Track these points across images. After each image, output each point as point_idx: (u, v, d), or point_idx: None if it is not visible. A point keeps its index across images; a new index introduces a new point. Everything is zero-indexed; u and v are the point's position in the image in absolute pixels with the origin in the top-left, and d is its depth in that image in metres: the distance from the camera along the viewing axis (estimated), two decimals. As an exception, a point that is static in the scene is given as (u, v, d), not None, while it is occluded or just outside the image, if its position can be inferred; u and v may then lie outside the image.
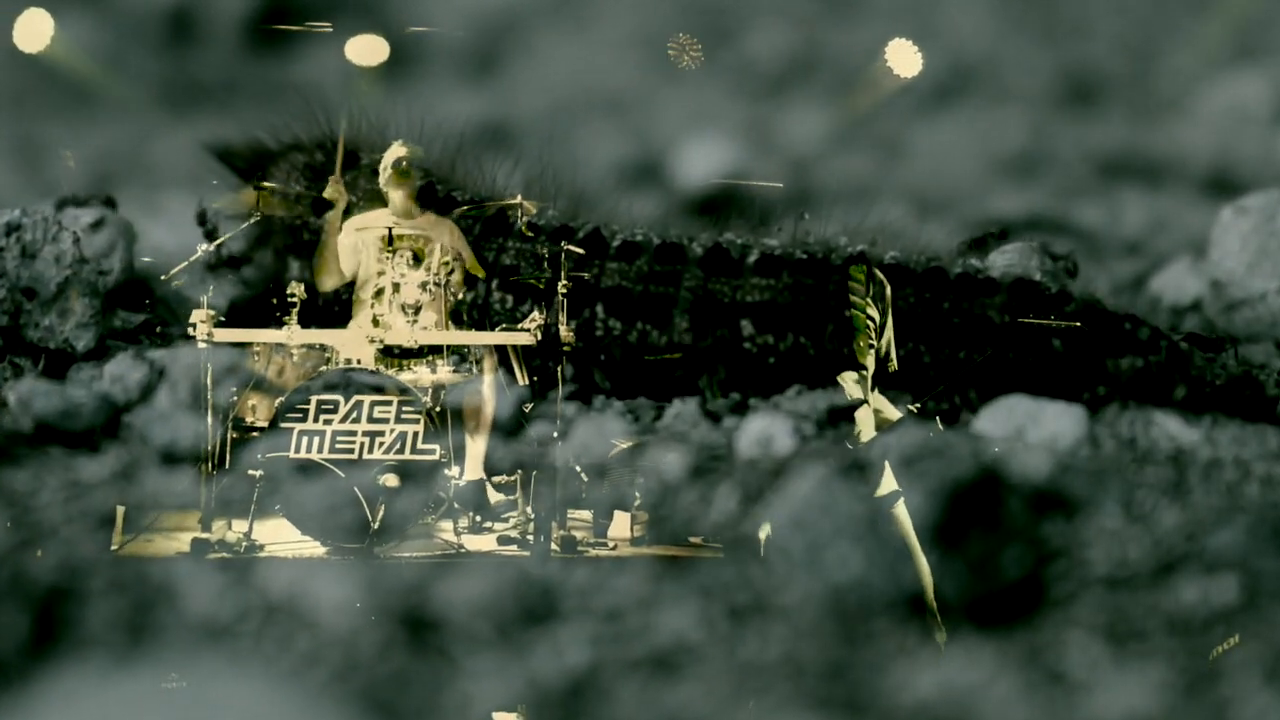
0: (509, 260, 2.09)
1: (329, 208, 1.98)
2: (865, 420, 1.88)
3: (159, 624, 1.56)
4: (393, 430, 1.86)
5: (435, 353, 1.94)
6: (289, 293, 1.92)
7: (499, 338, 1.95)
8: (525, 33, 3.90)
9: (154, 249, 2.26)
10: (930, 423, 1.92)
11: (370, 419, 1.86)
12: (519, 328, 1.93)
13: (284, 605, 1.58)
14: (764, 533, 1.63)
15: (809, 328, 1.99)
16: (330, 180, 1.97)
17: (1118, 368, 1.95)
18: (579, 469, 1.89)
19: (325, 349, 1.94)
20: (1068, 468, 1.78)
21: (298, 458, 1.85)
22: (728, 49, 3.90)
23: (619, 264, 2.03)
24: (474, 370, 1.95)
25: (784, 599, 1.61)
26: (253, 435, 1.88)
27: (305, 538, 1.80)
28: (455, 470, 1.88)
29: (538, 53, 3.81)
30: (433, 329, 1.93)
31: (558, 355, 1.92)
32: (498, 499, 1.90)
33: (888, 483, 1.63)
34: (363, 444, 1.85)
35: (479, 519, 1.88)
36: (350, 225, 1.99)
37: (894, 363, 1.89)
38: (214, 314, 1.88)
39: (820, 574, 1.60)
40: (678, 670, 1.52)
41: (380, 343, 1.91)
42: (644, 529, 1.84)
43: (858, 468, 1.70)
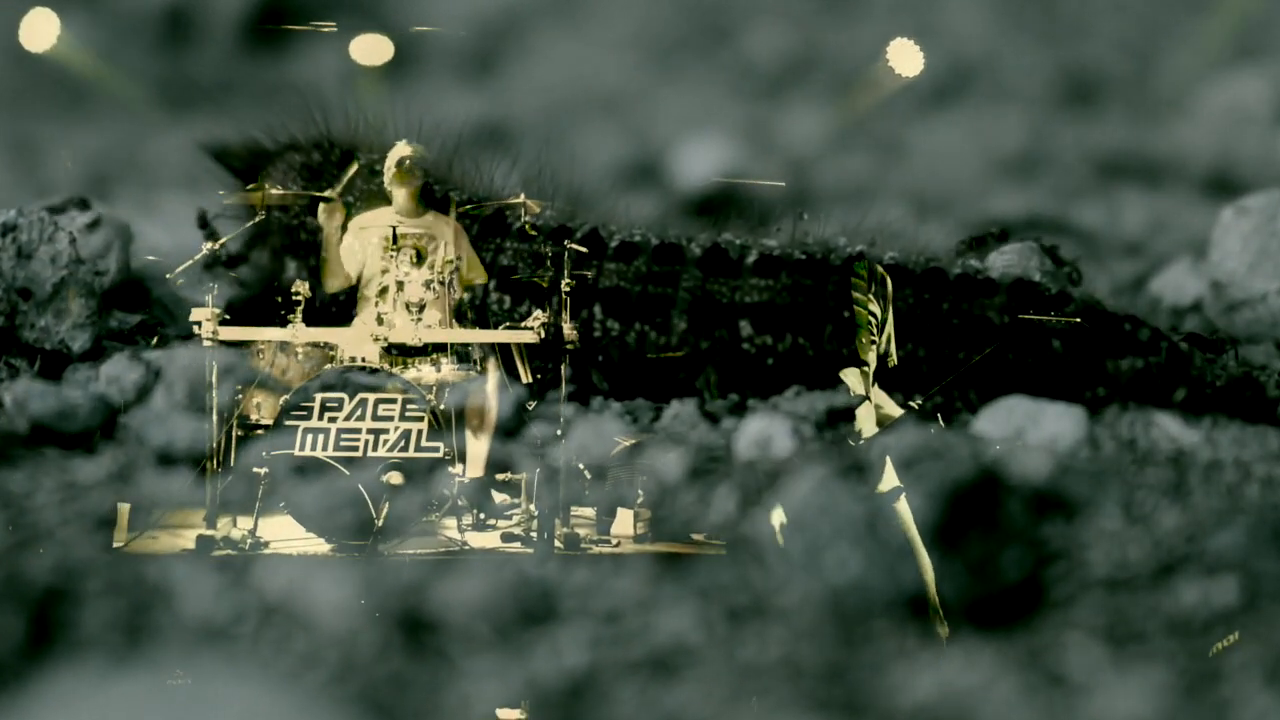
0: (507, 260, 2.09)
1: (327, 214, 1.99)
2: (866, 417, 1.88)
3: (157, 625, 1.56)
4: (397, 428, 1.87)
5: (439, 351, 1.94)
6: (293, 291, 1.92)
7: (503, 336, 1.96)
8: (523, 32, 3.90)
9: (150, 249, 2.25)
10: (932, 421, 1.91)
11: (374, 417, 1.87)
12: (523, 326, 1.93)
13: (282, 606, 1.58)
14: (778, 519, 1.63)
15: (808, 328, 1.99)
16: (328, 199, 1.97)
17: (1118, 369, 1.95)
18: (582, 467, 1.88)
19: (330, 347, 1.94)
20: (1067, 469, 1.77)
21: (302, 455, 1.85)
22: (726, 49, 3.90)
23: (617, 264, 2.03)
24: (477, 369, 1.96)
25: (783, 600, 1.61)
26: (257, 433, 1.88)
27: (310, 535, 1.81)
28: (459, 468, 1.88)
29: (535, 52, 3.80)
30: (436, 327, 1.94)
31: (561, 354, 1.94)
32: (501, 497, 1.90)
33: (889, 479, 1.63)
34: (367, 442, 1.86)
35: (482, 517, 1.88)
36: (354, 224, 1.99)
37: (894, 358, 1.89)
38: (219, 312, 1.89)
39: (819, 575, 1.60)
40: (677, 671, 1.52)
41: (384, 341, 1.92)
42: (647, 526, 1.84)
43: (857, 468, 1.69)
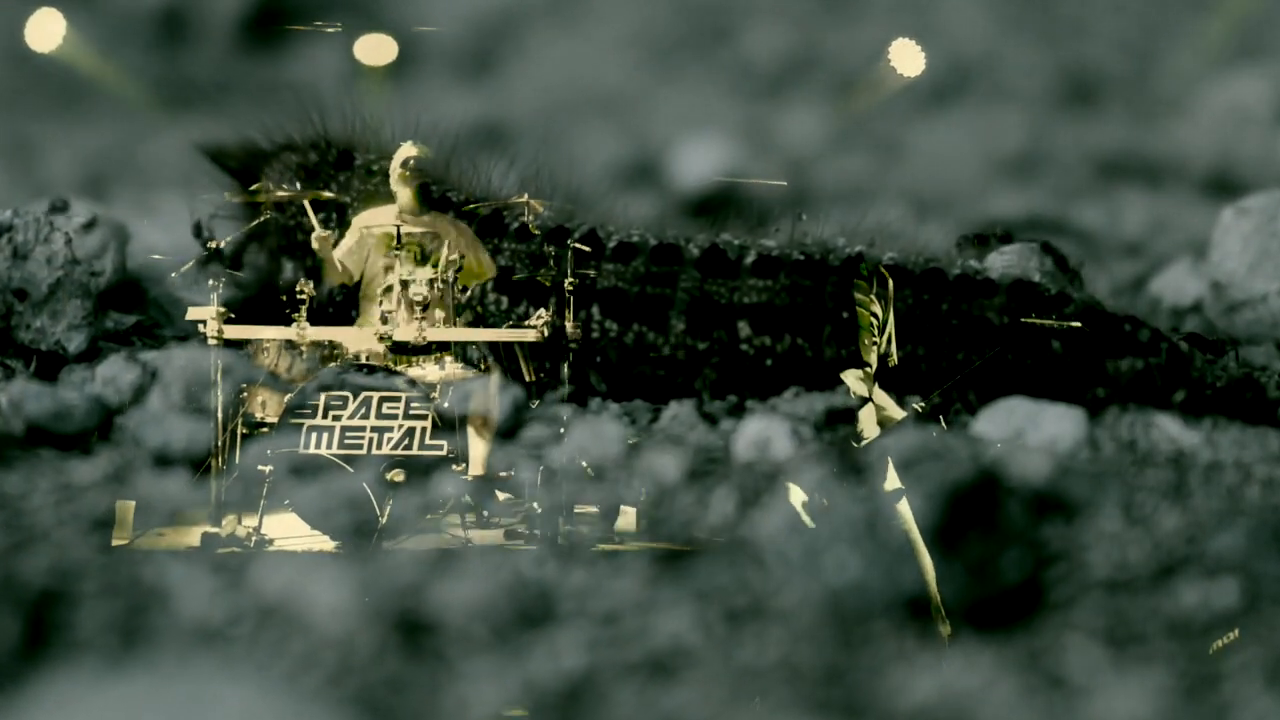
0: (504, 261, 2.08)
1: (324, 208, 2.00)
2: (868, 419, 1.87)
3: (158, 625, 1.56)
4: (401, 426, 1.87)
5: (443, 350, 1.95)
6: (298, 289, 1.92)
7: (506, 335, 1.96)
8: (521, 32, 3.90)
9: (148, 250, 2.25)
10: (934, 423, 1.91)
11: (379, 415, 1.87)
12: (526, 324, 1.94)
13: (280, 606, 1.58)
14: (798, 498, 1.62)
15: (807, 329, 1.98)
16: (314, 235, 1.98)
17: (1117, 370, 1.95)
18: (585, 465, 1.88)
19: (334, 346, 1.95)
20: (1067, 470, 1.77)
21: (307, 453, 1.86)
22: (724, 48, 3.90)
23: (615, 265, 2.02)
24: (481, 367, 1.96)
25: (782, 601, 1.60)
26: (262, 431, 1.89)
27: (315, 532, 1.81)
28: (462, 466, 1.88)
29: (533, 52, 3.81)
30: (441, 326, 1.94)
31: (565, 353, 1.94)
32: (505, 495, 1.90)
33: (891, 480, 1.63)
34: (371, 440, 1.87)
35: (486, 514, 1.88)
36: (358, 222, 2.00)
37: (894, 358, 1.89)
38: (224, 311, 1.89)
39: (818, 576, 1.60)
40: (675, 673, 1.51)
41: (389, 340, 1.92)
42: (649, 523, 1.84)
43: (855, 470, 1.69)
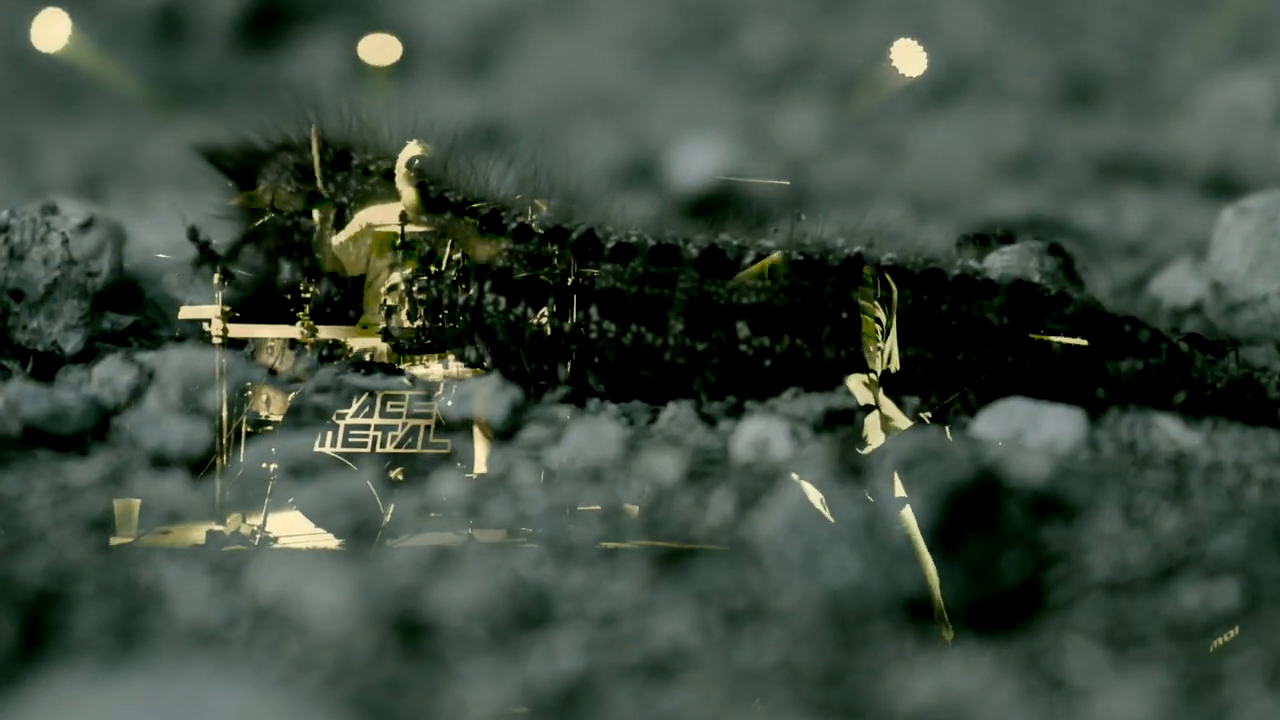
0: (502, 261, 2.08)
1: (319, 201, 2.02)
2: (873, 426, 1.87)
3: (160, 625, 1.56)
4: (405, 424, 1.89)
5: (447, 348, 1.97)
6: (302, 288, 1.93)
7: (509, 333, 1.96)
8: (519, 32, 3.91)
9: (144, 250, 2.25)
10: (940, 429, 1.91)
11: (383, 413, 1.89)
12: (536, 322, 1.96)
13: (278, 606, 1.58)
14: (814, 495, 1.62)
15: (805, 330, 1.98)
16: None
17: (1117, 370, 1.94)
18: (583, 466, 1.88)
19: (337, 344, 1.97)
20: (1067, 471, 1.77)
21: (311, 451, 1.88)
22: (723, 48, 3.90)
23: (613, 265, 2.02)
24: (484, 366, 1.97)
25: (781, 603, 1.60)
26: (267, 429, 1.90)
27: (319, 530, 1.82)
28: (464, 464, 1.89)
29: (531, 52, 3.81)
30: (444, 325, 1.94)
31: (567, 352, 1.93)
32: (506, 493, 1.91)
33: (896, 487, 1.62)
34: (375, 438, 1.88)
35: (488, 513, 1.88)
36: (361, 217, 2.01)
37: (895, 362, 1.89)
38: (229, 310, 1.91)
39: (818, 578, 1.59)
40: (674, 675, 1.51)
41: (393, 338, 1.93)
42: (648, 524, 1.85)
43: (855, 471, 1.69)
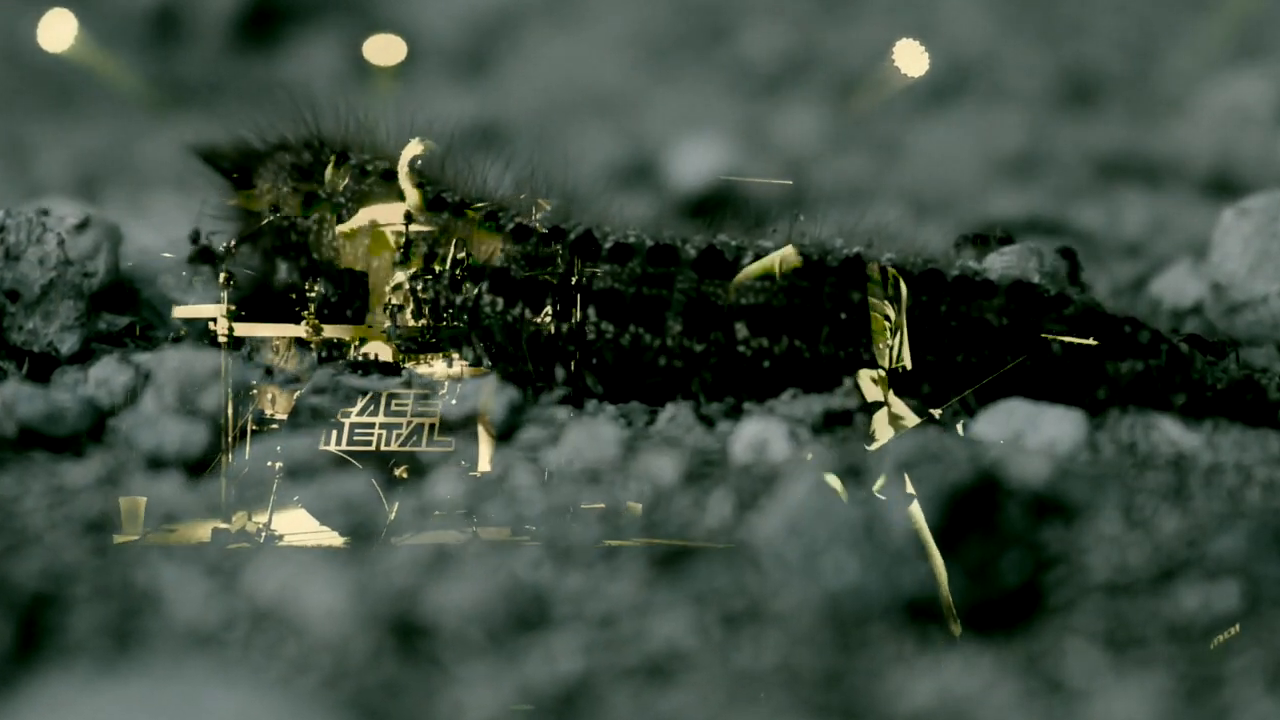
0: (499, 262, 2.07)
1: (316, 202, 2.03)
2: (881, 422, 1.87)
3: (148, 629, 1.56)
4: (409, 423, 1.89)
5: (452, 347, 1.98)
6: (306, 287, 1.94)
7: (506, 334, 1.96)
8: (517, 32, 3.91)
9: (140, 250, 2.25)
10: (950, 428, 1.91)
11: (387, 412, 1.90)
12: (527, 324, 1.96)
13: (274, 609, 1.58)
14: (835, 483, 1.62)
15: (804, 331, 1.97)
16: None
17: (1117, 371, 1.94)
18: (581, 467, 1.88)
19: (342, 343, 1.98)
20: (1067, 472, 1.77)
21: (316, 450, 1.88)
22: (722, 48, 3.90)
23: (611, 266, 2.02)
24: (489, 365, 1.97)
25: (780, 605, 1.60)
26: (272, 428, 1.91)
27: (324, 528, 1.82)
28: (468, 463, 1.89)
29: (529, 52, 3.81)
30: (448, 324, 1.96)
31: (566, 353, 1.93)
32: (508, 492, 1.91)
33: (904, 484, 1.63)
34: (380, 436, 1.89)
35: (491, 512, 1.89)
36: (365, 213, 2.01)
37: (907, 359, 1.89)
38: (234, 309, 1.92)
39: (816, 579, 1.59)
40: (672, 677, 1.51)
41: (397, 337, 1.95)
42: (647, 525, 1.85)
43: (854, 472, 1.69)
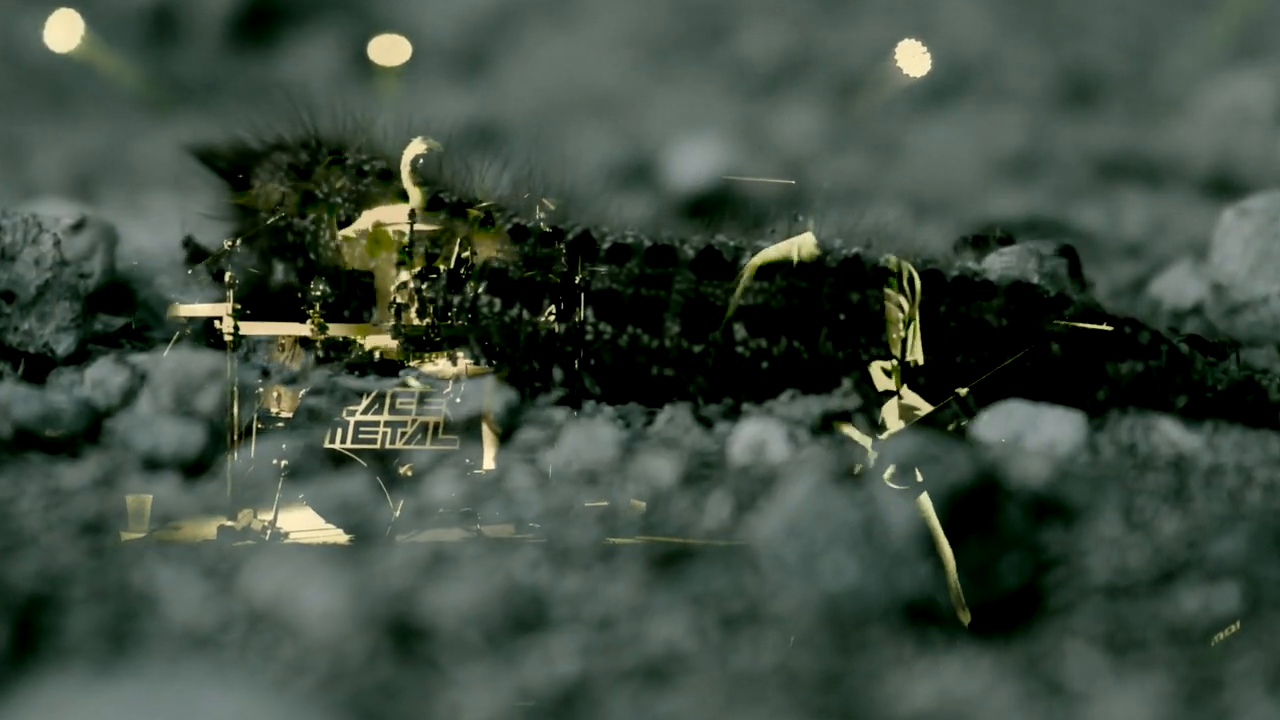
0: (497, 263, 2.07)
1: (313, 201, 2.04)
2: (892, 412, 1.87)
3: (144, 631, 1.56)
4: (414, 421, 1.90)
5: (456, 346, 1.97)
6: (311, 286, 1.96)
7: (504, 335, 1.97)
8: (516, 31, 3.91)
9: (136, 251, 2.25)
10: (964, 418, 1.91)
11: (392, 410, 1.91)
12: (525, 324, 1.96)
13: (271, 611, 1.58)
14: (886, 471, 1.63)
15: (803, 331, 1.97)
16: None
17: (1117, 372, 1.94)
18: (579, 468, 1.88)
19: (347, 342, 1.99)
20: (1067, 474, 1.77)
21: (321, 447, 1.89)
22: (721, 48, 3.90)
23: (609, 266, 2.02)
24: (493, 364, 1.98)
25: (779, 606, 1.60)
26: (278, 426, 1.92)
27: (328, 525, 1.82)
28: (473, 461, 1.89)
29: (528, 52, 3.81)
30: (453, 323, 1.97)
31: (563, 354, 1.94)
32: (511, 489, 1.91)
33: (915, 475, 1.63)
34: (385, 434, 1.89)
35: (494, 510, 1.89)
36: (369, 215, 2.03)
37: (919, 353, 1.89)
38: (239, 308, 1.93)
39: (815, 581, 1.59)
40: (670, 679, 1.51)
41: (402, 336, 1.96)
42: (645, 526, 1.84)
43: (853, 473, 1.69)
